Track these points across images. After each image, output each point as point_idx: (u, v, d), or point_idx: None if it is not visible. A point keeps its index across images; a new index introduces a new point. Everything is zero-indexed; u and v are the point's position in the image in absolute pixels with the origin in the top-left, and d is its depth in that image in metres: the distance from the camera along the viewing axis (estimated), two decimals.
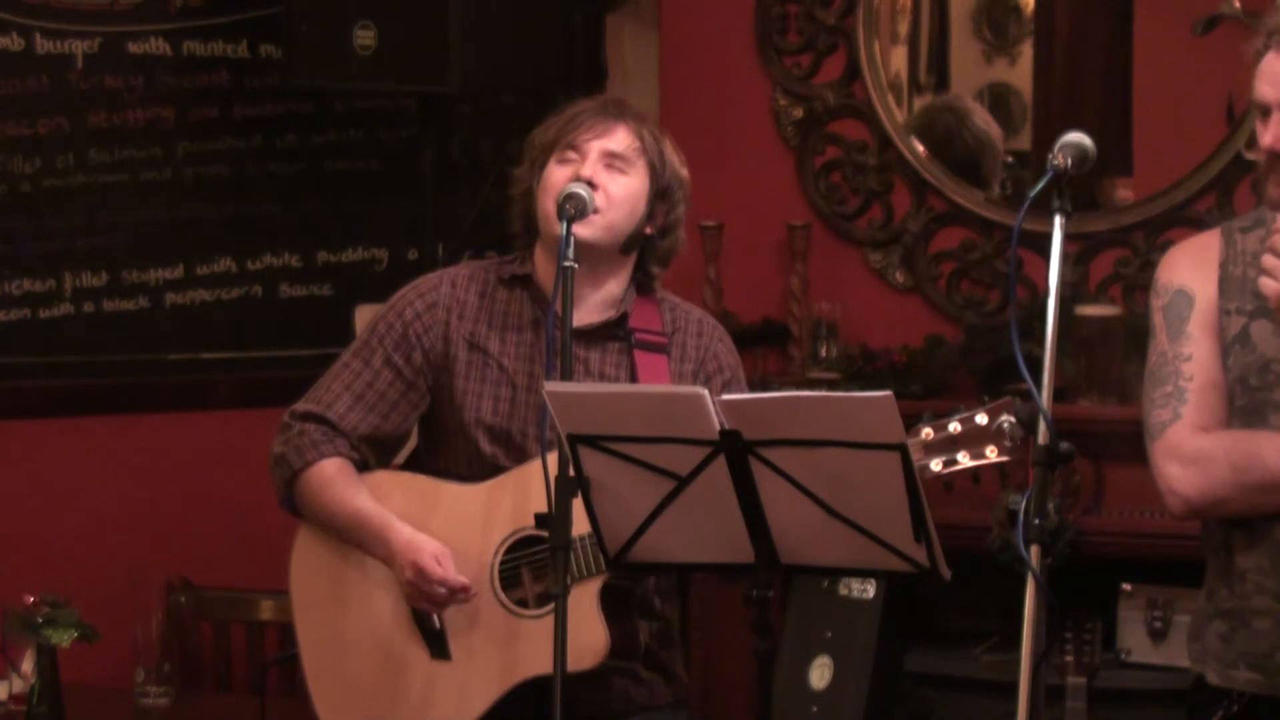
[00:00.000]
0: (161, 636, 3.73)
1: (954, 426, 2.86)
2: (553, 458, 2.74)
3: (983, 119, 4.62)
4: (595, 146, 3.16)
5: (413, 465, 3.35)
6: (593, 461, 2.63)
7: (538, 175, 3.20)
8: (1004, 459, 2.84)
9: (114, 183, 4.44)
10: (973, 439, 2.85)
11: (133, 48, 4.44)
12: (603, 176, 3.14)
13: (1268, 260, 2.75)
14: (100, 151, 4.42)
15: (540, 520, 2.80)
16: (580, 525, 2.74)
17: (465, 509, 3.16)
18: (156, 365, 4.51)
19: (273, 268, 4.64)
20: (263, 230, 4.62)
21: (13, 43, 4.31)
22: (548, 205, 3.12)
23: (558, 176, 3.15)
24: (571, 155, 3.17)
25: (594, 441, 2.61)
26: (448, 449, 3.24)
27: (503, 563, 3.13)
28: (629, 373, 3.22)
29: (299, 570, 3.28)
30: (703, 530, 2.65)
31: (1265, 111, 2.79)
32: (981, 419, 2.85)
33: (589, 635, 3.06)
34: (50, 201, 4.36)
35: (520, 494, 3.13)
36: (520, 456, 3.18)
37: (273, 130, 4.62)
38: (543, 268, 3.24)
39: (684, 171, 3.27)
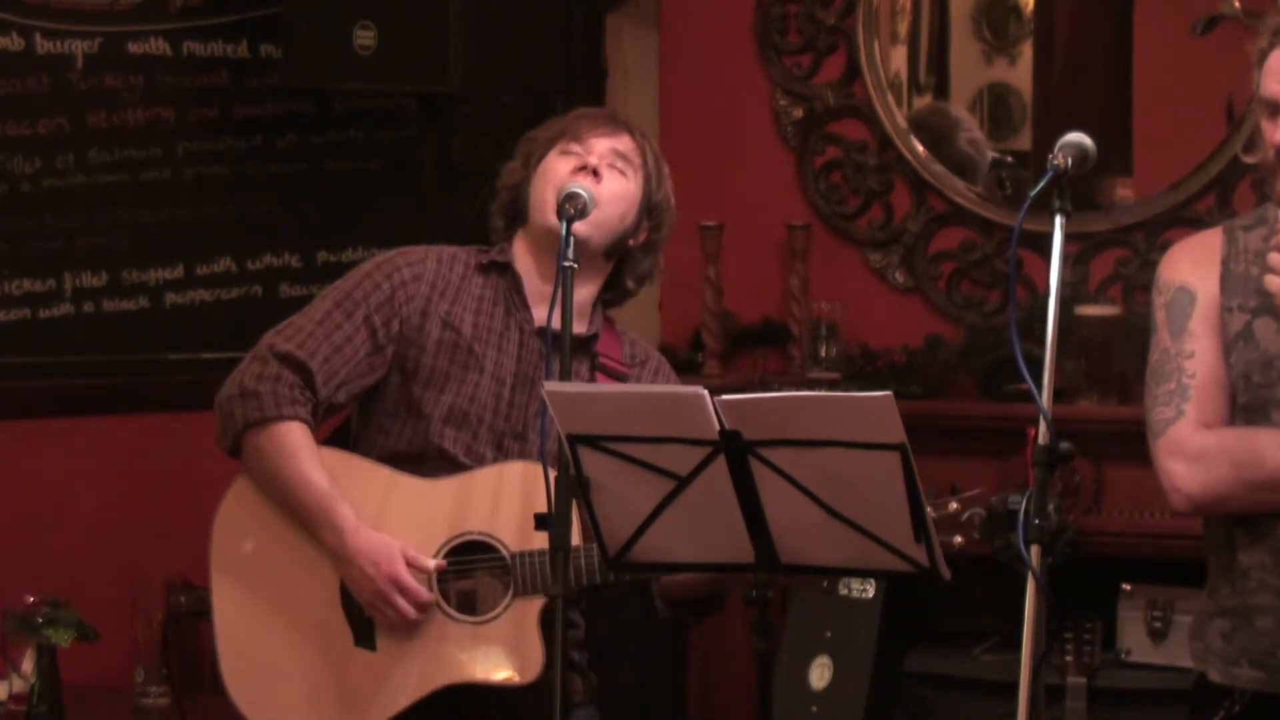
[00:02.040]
0: (161, 636, 3.74)
1: (928, 511, 2.90)
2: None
3: (967, 138, 4.63)
4: (603, 144, 3.18)
5: (342, 436, 3.31)
6: (593, 461, 2.63)
7: (534, 166, 3.22)
8: (969, 549, 2.90)
9: (114, 183, 4.44)
10: (943, 526, 2.90)
11: (133, 48, 4.44)
12: (605, 172, 3.16)
13: (1274, 258, 2.75)
14: (100, 151, 4.42)
15: (540, 520, 2.80)
16: (537, 541, 2.72)
17: (416, 504, 3.13)
18: (156, 365, 4.51)
19: (273, 268, 4.64)
20: (263, 230, 4.62)
21: (13, 43, 4.31)
22: (546, 194, 3.13)
23: (560, 167, 3.18)
24: (575, 148, 3.19)
25: (594, 441, 2.61)
26: (396, 423, 3.21)
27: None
28: None
29: (225, 528, 3.22)
30: (703, 530, 2.65)
31: (1273, 110, 2.79)
32: (954, 507, 2.90)
33: (530, 652, 3.05)
34: (50, 201, 4.36)
35: (477, 497, 3.12)
36: (468, 443, 3.17)
37: (273, 130, 4.62)
38: (523, 258, 3.26)
39: (672, 199, 3.30)
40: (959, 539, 2.88)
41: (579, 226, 3.03)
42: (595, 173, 3.16)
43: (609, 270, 3.27)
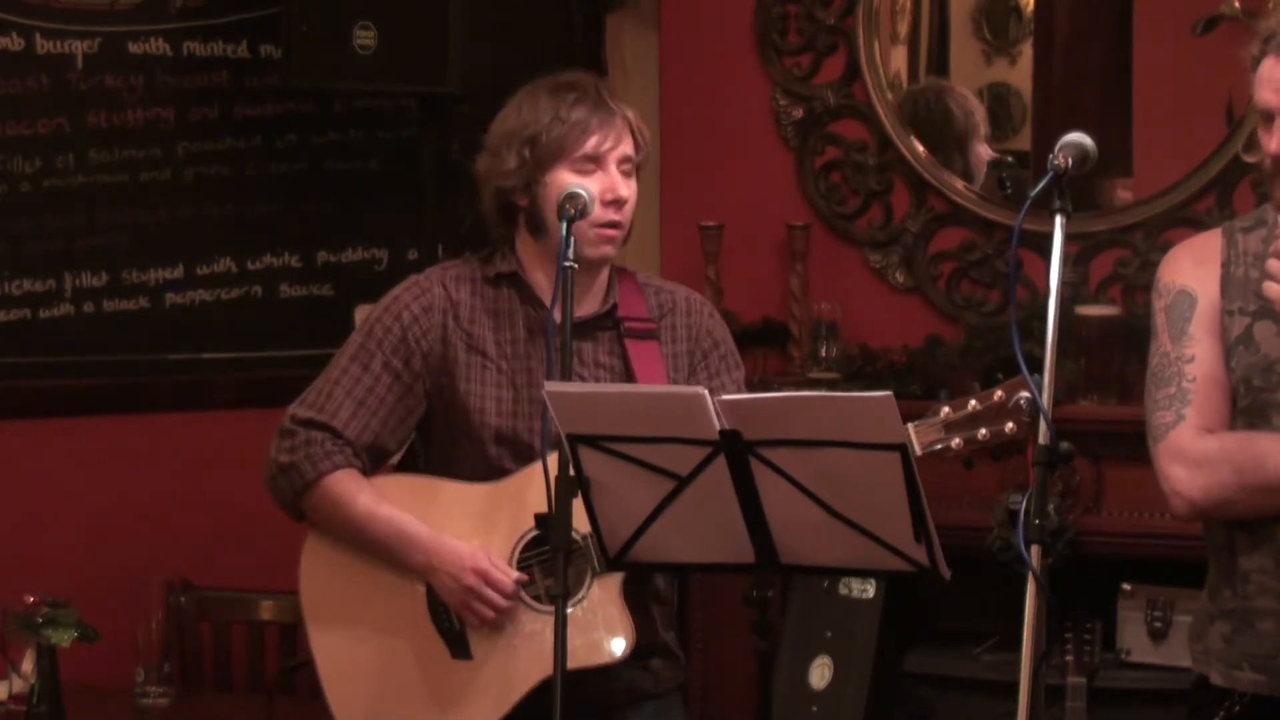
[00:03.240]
0: (161, 636, 3.74)
1: (972, 404, 2.89)
2: (553, 458, 2.75)
3: (960, 100, 4.64)
4: (615, 155, 3.16)
5: (409, 469, 3.34)
6: (593, 461, 2.63)
7: (543, 175, 3.14)
8: (1022, 433, 2.86)
9: (114, 183, 4.44)
10: (991, 416, 2.89)
11: (133, 48, 4.44)
12: (621, 187, 3.16)
13: (1272, 264, 2.74)
14: (100, 151, 4.42)
15: (540, 520, 2.80)
16: None
17: (479, 508, 3.16)
18: (156, 365, 4.51)
19: (273, 268, 4.64)
20: (263, 230, 4.62)
21: (13, 43, 4.31)
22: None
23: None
24: (591, 166, 3.15)
25: (594, 441, 2.61)
26: (452, 452, 3.23)
27: (518, 561, 3.14)
28: (622, 360, 3.23)
29: (309, 578, 3.26)
30: (703, 530, 2.65)
31: (1268, 118, 2.78)
32: (999, 395, 2.88)
33: (615, 630, 3.07)
34: (50, 201, 4.36)
35: (537, 489, 3.12)
36: (527, 455, 3.17)
37: (273, 130, 4.62)
38: (534, 263, 3.24)
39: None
40: (1011, 425, 2.86)
41: (615, 251, 3.13)
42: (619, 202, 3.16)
43: None
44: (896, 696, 4.32)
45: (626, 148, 3.17)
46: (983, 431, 2.89)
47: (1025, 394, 2.84)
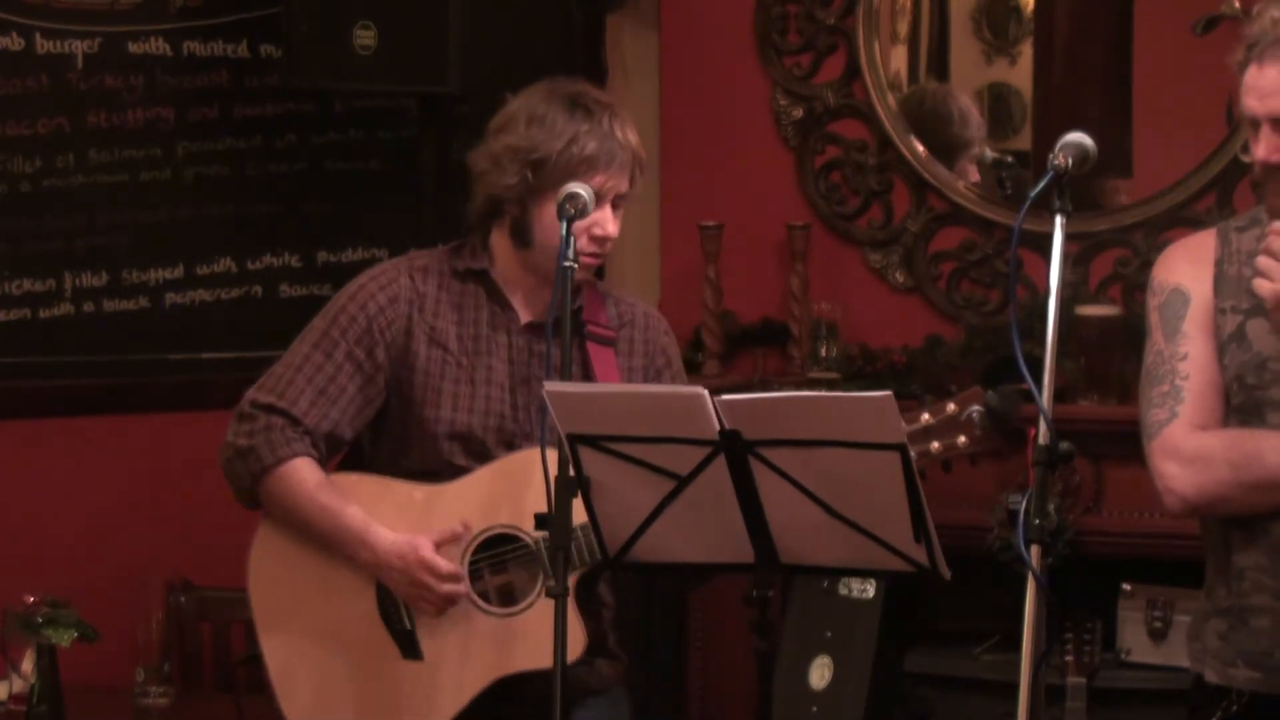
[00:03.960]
0: (161, 636, 3.74)
1: (925, 417, 2.91)
2: (551, 455, 2.75)
3: (963, 111, 4.65)
4: (612, 190, 3.17)
5: (355, 460, 3.33)
6: (593, 461, 2.63)
7: (543, 191, 3.13)
8: (974, 448, 2.89)
9: (114, 183, 4.44)
10: (944, 429, 2.92)
11: (133, 48, 4.44)
12: (610, 225, 3.18)
13: (1263, 262, 2.75)
14: (100, 151, 4.42)
15: (540, 520, 2.80)
16: None
17: (433, 510, 3.16)
18: (156, 365, 4.51)
19: (273, 268, 4.64)
20: (263, 230, 4.62)
21: (13, 43, 4.31)
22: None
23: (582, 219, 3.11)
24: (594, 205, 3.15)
25: (594, 441, 2.61)
26: (404, 445, 3.23)
27: (470, 561, 3.14)
28: (582, 364, 3.24)
29: (259, 573, 3.26)
30: (703, 530, 2.65)
31: (1255, 125, 2.79)
32: (951, 408, 2.90)
33: (570, 632, 3.07)
34: (50, 201, 4.37)
35: (492, 492, 3.13)
36: (480, 452, 3.18)
37: (273, 130, 4.62)
38: (507, 264, 3.25)
39: None
40: (963, 439, 2.88)
41: (586, 276, 3.15)
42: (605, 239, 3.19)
43: None
44: (896, 696, 4.32)
45: (624, 186, 3.20)
46: (935, 445, 2.91)
47: (977, 407, 2.86)
